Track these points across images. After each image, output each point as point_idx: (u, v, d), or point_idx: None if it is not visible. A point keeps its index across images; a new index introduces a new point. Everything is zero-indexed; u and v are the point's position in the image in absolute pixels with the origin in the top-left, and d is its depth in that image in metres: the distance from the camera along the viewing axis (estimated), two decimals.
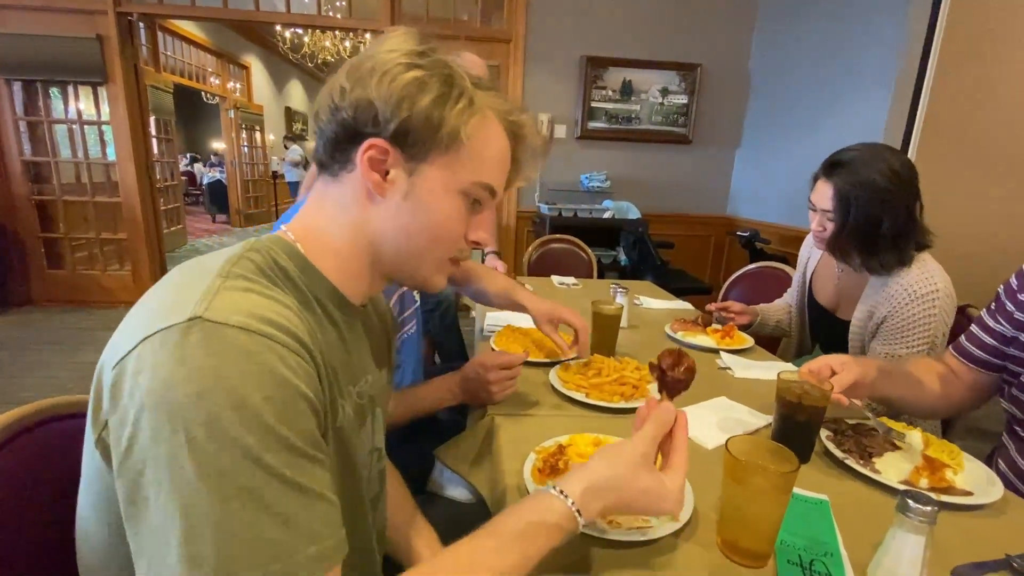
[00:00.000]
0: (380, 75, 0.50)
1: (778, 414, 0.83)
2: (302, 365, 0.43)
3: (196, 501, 0.37)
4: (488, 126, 0.56)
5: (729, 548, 0.61)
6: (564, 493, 0.52)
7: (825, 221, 1.21)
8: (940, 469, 0.76)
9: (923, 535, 0.54)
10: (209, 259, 0.50)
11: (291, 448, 0.41)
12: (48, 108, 3.69)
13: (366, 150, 0.52)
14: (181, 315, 0.40)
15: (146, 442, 0.38)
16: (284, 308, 0.46)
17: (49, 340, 3.25)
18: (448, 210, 0.55)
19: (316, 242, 0.55)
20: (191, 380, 0.38)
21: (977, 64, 2.42)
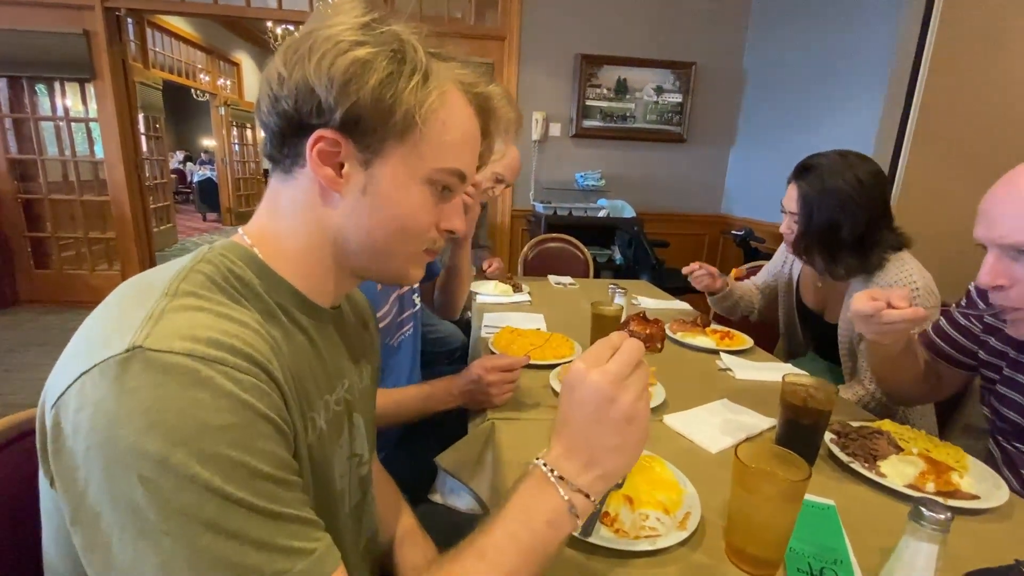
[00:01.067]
0: (319, 56, 0.45)
1: (783, 417, 0.82)
2: (259, 386, 0.40)
3: (163, 541, 0.35)
4: (450, 103, 0.50)
5: (737, 556, 0.60)
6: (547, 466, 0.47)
7: (792, 223, 1.23)
8: (945, 472, 0.75)
9: (936, 544, 0.53)
10: (156, 274, 0.46)
11: (256, 474, 0.38)
12: (34, 105, 3.62)
13: (314, 143, 0.47)
14: (120, 345, 0.37)
15: (99, 484, 0.36)
16: (238, 326, 0.42)
17: (36, 341, 3.19)
18: (413, 202, 0.51)
19: (274, 246, 0.51)
20: (135, 416, 0.35)
21: (969, 66, 2.44)
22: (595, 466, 0.47)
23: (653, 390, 1.02)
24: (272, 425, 0.40)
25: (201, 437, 0.36)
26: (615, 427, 0.46)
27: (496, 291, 1.77)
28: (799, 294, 1.46)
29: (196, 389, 0.37)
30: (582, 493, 0.46)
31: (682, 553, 0.62)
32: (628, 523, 0.64)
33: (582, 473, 0.46)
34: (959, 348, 0.98)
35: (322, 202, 0.50)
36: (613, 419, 0.46)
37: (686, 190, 3.86)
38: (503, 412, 0.94)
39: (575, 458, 0.47)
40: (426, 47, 0.49)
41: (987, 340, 0.92)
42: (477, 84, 0.53)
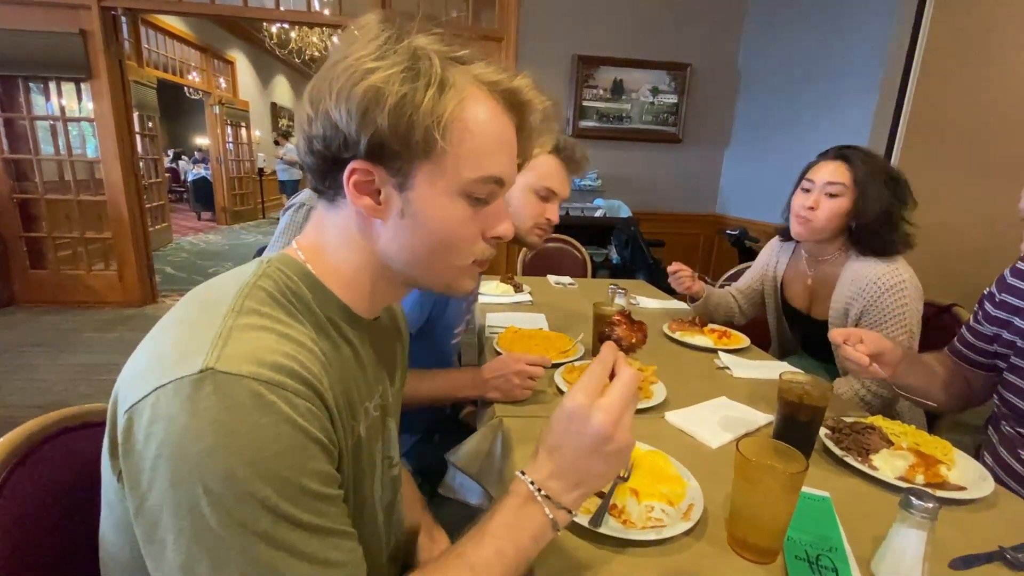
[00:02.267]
0: (337, 89, 0.46)
1: (780, 413, 0.86)
2: (313, 411, 0.43)
3: (220, 546, 0.39)
4: (473, 108, 0.49)
5: (739, 545, 0.64)
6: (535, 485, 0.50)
7: (823, 198, 1.25)
8: (934, 465, 0.79)
9: (925, 531, 0.57)
10: (221, 287, 0.49)
11: (306, 492, 0.42)
12: (30, 104, 3.61)
13: (349, 176, 0.48)
14: (193, 365, 0.40)
15: (164, 490, 0.39)
16: (296, 347, 0.45)
17: (33, 342, 3.19)
18: (452, 217, 0.51)
19: (325, 263, 0.53)
20: (205, 434, 0.39)
21: (960, 68, 2.48)
22: (580, 487, 0.51)
23: (654, 388, 1.05)
24: (320, 446, 0.44)
25: (262, 458, 0.40)
26: (606, 459, 0.50)
27: (498, 291, 1.80)
28: (783, 294, 1.49)
29: (260, 413, 0.40)
30: (565, 510, 0.51)
31: (687, 542, 0.65)
32: (635, 514, 0.67)
33: (567, 493, 0.50)
34: (978, 351, 1.03)
35: (366, 229, 0.52)
36: (606, 452, 0.50)
37: (682, 190, 3.90)
38: (511, 409, 0.97)
39: (563, 480, 0.50)
40: (444, 53, 0.48)
41: (1000, 334, 0.97)
42: (501, 81, 0.51)
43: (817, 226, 1.27)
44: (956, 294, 1.51)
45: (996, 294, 1.00)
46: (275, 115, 10.00)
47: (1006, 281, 0.99)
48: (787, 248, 1.50)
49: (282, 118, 10.31)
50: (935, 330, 1.38)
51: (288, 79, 10.55)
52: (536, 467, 0.51)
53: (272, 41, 6.80)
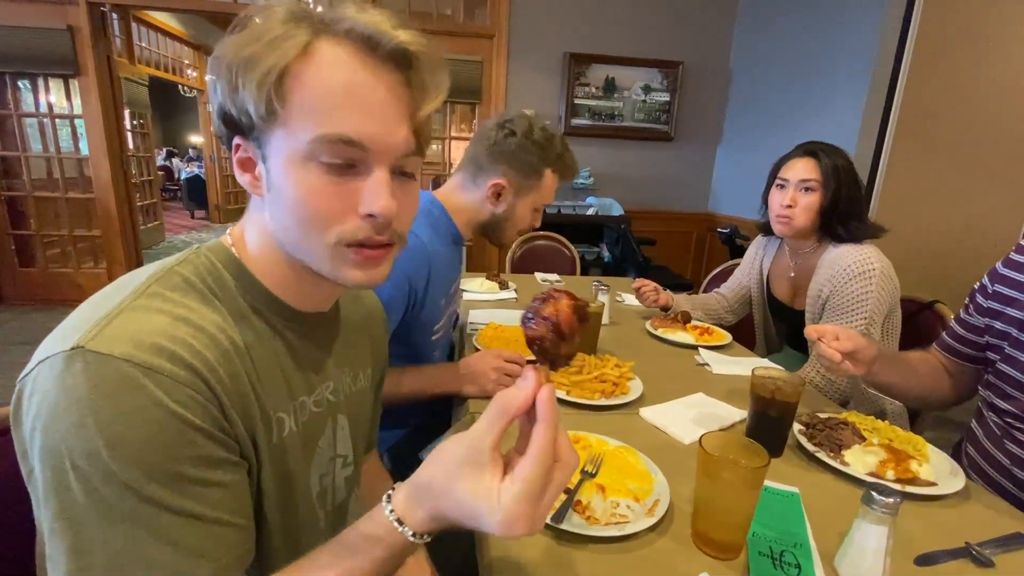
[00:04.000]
0: (226, 62, 0.45)
1: (752, 409, 0.85)
2: (194, 397, 0.42)
3: (85, 522, 0.39)
4: (311, 58, 0.44)
5: (702, 541, 0.63)
6: (390, 501, 0.44)
7: (799, 194, 1.29)
8: (905, 460, 0.79)
9: (886, 526, 0.56)
10: (145, 269, 0.48)
11: (178, 477, 0.41)
12: (17, 101, 3.58)
13: (234, 152, 0.49)
14: (67, 342, 0.40)
15: (38, 462, 0.40)
16: (192, 331, 0.43)
17: (20, 340, 3.17)
18: (304, 185, 0.45)
19: (248, 250, 0.52)
20: (71, 411, 0.38)
21: (949, 65, 2.49)
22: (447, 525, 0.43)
23: (631, 384, 1.05)
24: (203, 433, 0.42)
25: (127, 441, 0.39)
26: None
27: (482, 288, 1.79)
28: (770, 289, 1.50)
29: (129, 395, 0.39)
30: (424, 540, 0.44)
31: (650, 538, 0.64)
32: (599, 510, 0.67)
33: (434, 529, 0.44)
34: (968, 343, 1.03)
35: (256, 206, 0.51)
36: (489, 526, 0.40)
37: (673, 188, 3.89)
38: (484, 405, 0.96)
39: (436, 524, 0.43)
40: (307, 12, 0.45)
41: (992, 324, 0.96)
42: (350, 20, 0.45)
43: (797, 223, 1.30)
44: (942, 291, 1.51)
45: (988, 285, 0.99)
46: None
47: (999, 272, 0.99)
48: (772, 243, 1.51)
49: None
50: (917, 326, 1.38)
51: None
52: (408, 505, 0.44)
53: None
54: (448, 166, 4.06)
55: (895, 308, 1.27)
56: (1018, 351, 0.92)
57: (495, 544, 0.62)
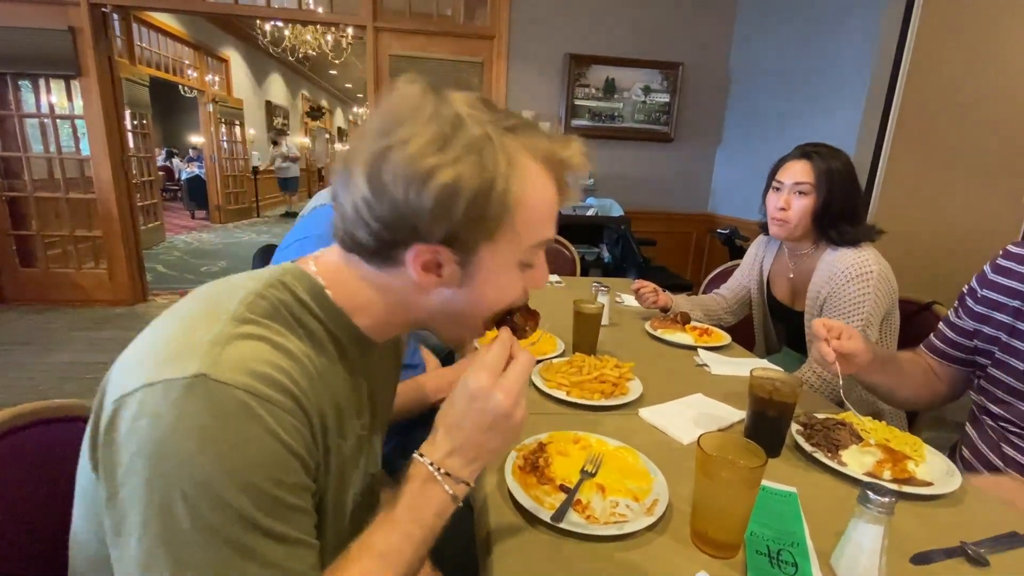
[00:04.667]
0: (405, 185, 0.45)
1: (750, 410, 0.86)
2: (296, 426, 0.44)
3: (185, 549, 0.40)
4: (532, 181, 0.49)
5: (700, 540, 0.64)
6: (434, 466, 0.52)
7: (792, 197, 1.30)
8: (902, 460, 0.79)
9: (882, 525, 0.57)
10: (228, 291, 0.49)
11: (280, 503, 0.43)
12: (19, 102, 3.59)
13: (416, 256, 0.48)
14: (187, 368, 0.41)
15: (138, 486, 0.40)
16: (291, 359, 0.46)
17: (21, 340, 3.17)
18: (508, 285, 0.53)
19: (345, 292, 0.53)
20: (189, 439, 0.39)
21: (948, 68, 2.49)
22: (477, 460, 0.54)
23: (630, 384, 1.05)
24: (300, 460, 0.45)
25: (242, 468, 0.40)
26: (503, 434, 0.53)
27: None
28: (770, 289, 1.51)
29: (246, 424, 0.41)
30: (465, 484, 0.53)
31: (648, 537, 0.65)
32: (598, 510, 0.67)
33: (465, 467, 0.53)
34: (958, 347, 1.03)
35: (414, 293, 0.52)
36: (504, 428, 0.53)
37: (673, 189, 3.90)
38: None
39: (461, 456, 0.53)
40: (497, 125, 0.48)
41: (981, 329, 0.97)
42: (555, 151, 0.51)
43: (792, 225, 1.32)
44: (939, 292, 1.51)
45: (977, 290, 1.00)
46: (270, 113, 9.97)
47: (987, 277, 0.99)
48: (773, 244, 1.52)
49: (276, 116, 10.28)
50: (915, 328, 1.39)
51: (282, 77, 10.52)
52: (435, 447, 0.53)
53: (266, 39, 6.78)
54: None
55: (893, 310, 1.28)
56: (1008, 356, 0.93)
57: (495, 542, 0.63)
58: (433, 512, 0.52)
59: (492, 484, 0.75)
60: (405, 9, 3.53)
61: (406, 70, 3.53)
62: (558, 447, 0.80)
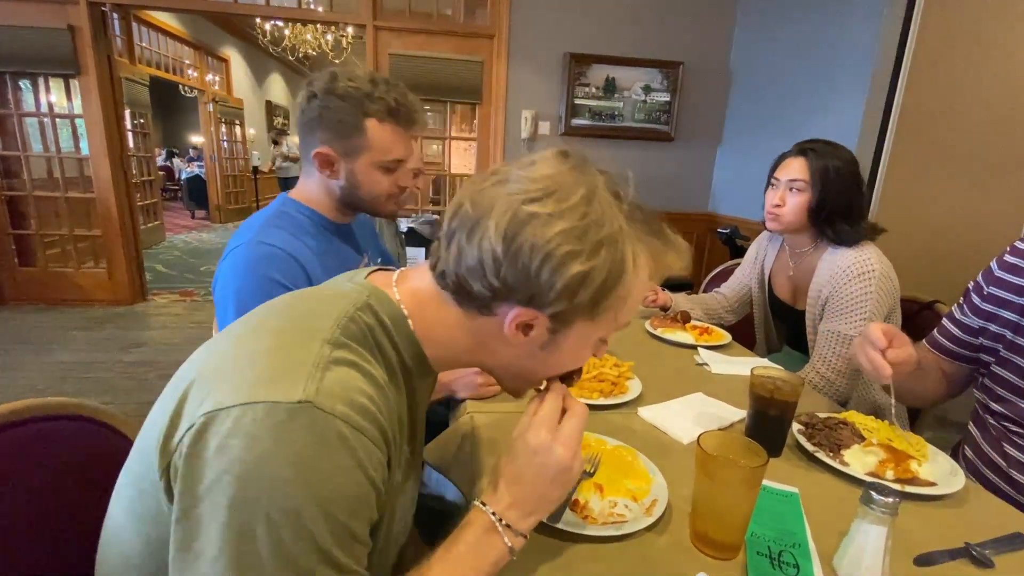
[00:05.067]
0: (541, 260, 0.46)
1: (751, 409, 0.85)
2: (380, 460, 0.45)
3: (260, 573, 0.39)
4: (642, 278, 0.51)
5: (700, 540, 0.63)
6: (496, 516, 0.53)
7: (788, 194, 1.29)
8: (905, 460, 0.78)
9: (885, 526, 0.56)
10: (318, 312, 0.49)
11: (353, 537, 0.43)
12: (18, 101, 3.58)
13: (516, 317, 0.49)
14: (291, 392, 0.40)
15: (221, 505, 0.39)
16: (377, 389, 0.46)
17: (20, 340, 3.17)
18: (582, 355, 0.56)
19: (428, 328, 0.53)
20: (286, 465, 0.39)
21: (950, 66, 2.48)
22: (536, 513, 0.55)
23: (630, 383, 1.04)
24: (377, 494, 0.45)
25: (330, 499, 0.41)
26: (562, 486, 0.55)
27: None
28: (771, 288, 1.50)
29: (342, 455, 0.41)
30: (522, 536, 0.54)
31: (648, 538, 0.64)
32: (597, 510, 0.67)
33: (525, 520, 0.54)
34: (962, 344, 1.02)
35: (496, 341, 0.53)
36: (564, 480, 0.54)
37: (674, 188, 3.89)
38: (480, 406, 0.96)
39: (521, 509, 0.54)
40: (632, 218, 0.50)
41: (986, 327, 0.96)
42: (666, 256, 0.53)
43: (785, 220, 1.31)
44: (941, 290, 1.50)
45: (984, 286, 0.98)
46: (270, 113, 9.96)
47: (993, 274, 0.98)
48: (775, 241, 1.51)
49: (277, 116, 10.27)
50: (916, 327, 1.38)
51: (283, 77, 10.51)
52: (496, 498, 0.54)
53: (266, 39, 6.77)
54: (449, 167, 4.06)
55: (895, 309, 1.27)
56: (1013, 354, 0.91)
57: None
58: (491, 561, 0.52)
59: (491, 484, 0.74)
60: (405, 8, 3.52)
61: (406, 68, 3.52)
62: None
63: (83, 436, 0.71)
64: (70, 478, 0.67)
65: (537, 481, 0.54)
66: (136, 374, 2.77)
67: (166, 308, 3.92)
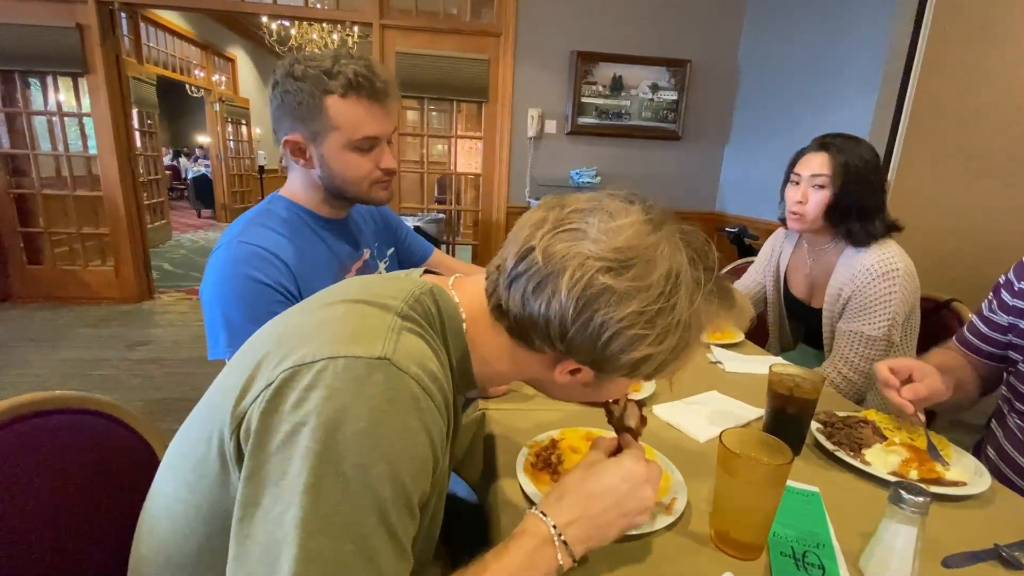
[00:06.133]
0: (609, 337, 0.45)
1: (769, 407, 0.83)
2: (442, 429, 0.45)
3: (321, 531, 0.38)
4: (698, 346, 0.51)
5: (722, 540, 0.61)
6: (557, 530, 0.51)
7: (809, 190, 1.26)
8: (929, 461, 0.77)
9: (915, 526, 0.54)
10: (382, 287, 0.50)
11: (409, 507, 0.42)
12: (27, 99, 3.60)
13: (566, 367, 0.51)
14: (372, 348, 0.42)
15: (297, 457, 0.39)
16: (439, 363, 0.47)
17: (28, 337, 3.18)
18: (620, 392, 0.59)
19: (480, 344, 0.53)
20: (362, 418, 0.39)
21: (961, 64, 2.45)
22: (594, 540, 0.53)
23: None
24: (434, 464, 0.45)
25: (398, 458, 0.40)
26: (629, 523, 0.54)
27: None
28: (786, 285, 1.48)
29: (413, 415, 0.42)
30: (572, 558, 0.51)
31: (668, 537, 0.63)
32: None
33: (582, 542, 0.52)
34: (991, 341, 1.00)
35: (544, 376, 0.54)
36: (632, 520, 0.54)
37: (681, 187, 3.87)
38: (495, 402, 0.95)
39: (583, 530, 0.52)
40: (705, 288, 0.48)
41: (1017, 323, 0.94)
42: (729, 318, 0.52)
43: (809, 218, 1.28)
44: (957, 289, 1.48)
45: (1015, 282, 0.96)
46: None
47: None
48: (791, 238, 1.48)
49: None
50: (934, 325, 1.36)
51: None
52: (560, 510, 0.52)
53: (272, 38, 6.78)
54: (454, 166, 4.06)
55: (915, 308, 1.25)
56: None
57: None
58: (542, 573, 0.50)
59: (503, 481, 0.72)
60: (412, 7, 3.51)
61: (412, 67, 3.51)
62: (570, 443, 0.78)
63: (91, 430, 0.70)
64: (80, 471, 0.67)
65: (615, 506, 0.53)
66: (143, 371, 2.77)
67: (172, 306, 3.92)
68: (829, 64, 2.87)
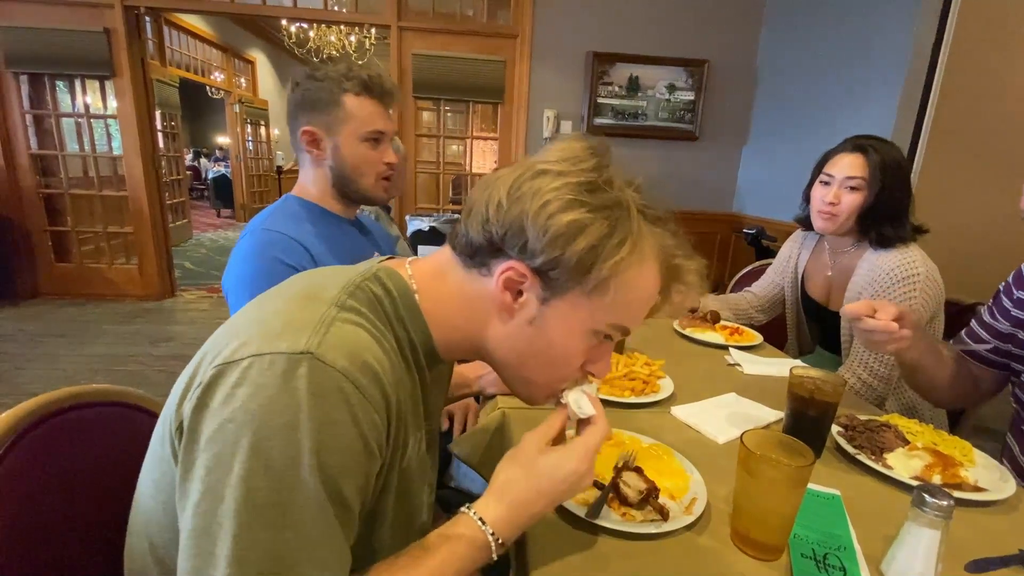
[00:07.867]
0: (540, 205, 0.47)
1: (790, 409, 0.83)
2: (377, 423, 0.45)
3: (256, 524, 0.40)
4: (644, 270, 0.51)
5: (742, 541, 0.61)
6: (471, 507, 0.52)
7: (843, 192, 1.24)
8: (953, 466, 0.76)
9: (939, 530, 0.54)
10: (326, 279, 0.51)
11: (340, 498, 0.43)
12: (55, 101, 3.70)
13: (504, 270, 0.49)
14: (295, 344, 0.42)
15: (223, 451, 0.40)
16: (382, 352, 0.47)
17: (56, 332, 3.27)
18: (572, 347, 0.53)
19: (433, 304, 0.53)
20: (285, 412, 0.40)
21: (985, 66, 2.40)
22: (524, 528, 0.54)
23: (661, 383, 1.03)
24: (369, 456, 0.45)
25: (325, 450, 0.41)
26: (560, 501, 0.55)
27: None
28: (804, 288, 1.46)
29: (338, 409, 0.42)
30: (504, 547, 0.52)
31: (687, 537, 0.63)
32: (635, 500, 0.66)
33: (514, 535, 0.53)
34: (993, 349, 0.98)
35: (490, 314, 0.53)
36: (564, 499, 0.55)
37: (698, 188, 3.84)
38: (514, 401, 0.96)
39: (516, 526, 0.53)
40: (641, 206, 0.50)
41: (1015, 333, 0.92)
42: (676, 256, 0.53)
43: (841, 220, 1.26)
44: (982, 292, 1.45)
45: (1014, 290, 0.95)
46: None
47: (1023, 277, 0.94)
48: (810, 240, 1.47)
49: None
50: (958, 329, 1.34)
51: None
52: (498, 516, 0.52)
53: (291, 40, 6.87)
54: (470, 166, 4.08)
55: (939, 312, 1.23)
56: None
57: (530, 538, 0.61)
58: (474, 569, 0.51)
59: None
60: (428, 9, 3.54)
61: (429, 68, 3.53)
62: None
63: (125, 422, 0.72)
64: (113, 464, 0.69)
65: (549, 505, 0.54)
66: (165, 367, 2.83)
67: (194, 304, 4.00)
68: (850, 64, 2.83)
